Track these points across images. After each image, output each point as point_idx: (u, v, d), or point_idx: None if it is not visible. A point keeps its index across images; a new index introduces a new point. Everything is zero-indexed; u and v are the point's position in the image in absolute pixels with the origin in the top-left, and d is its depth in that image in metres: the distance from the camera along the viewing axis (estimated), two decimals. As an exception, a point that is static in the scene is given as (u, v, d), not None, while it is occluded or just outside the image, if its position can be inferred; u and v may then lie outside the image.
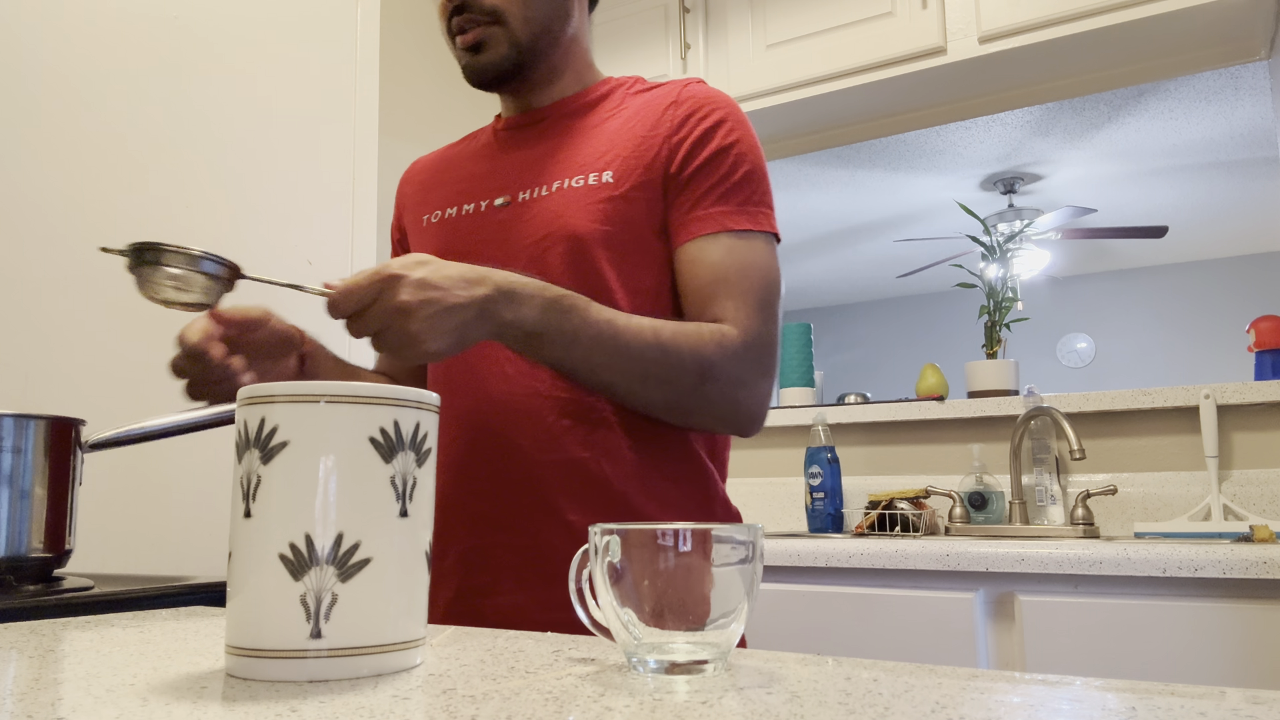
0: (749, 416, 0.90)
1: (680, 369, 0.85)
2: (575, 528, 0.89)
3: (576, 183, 0.95)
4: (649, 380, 0.85)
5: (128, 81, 1.62)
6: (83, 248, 1.54)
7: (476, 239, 0.98)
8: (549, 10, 0.99)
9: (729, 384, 0.87)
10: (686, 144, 0.93)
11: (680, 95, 0.97)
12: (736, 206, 0.92)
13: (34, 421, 0.73)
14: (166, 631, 0.63)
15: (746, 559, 0.47)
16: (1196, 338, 6.25)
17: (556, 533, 0.88)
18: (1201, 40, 2.06)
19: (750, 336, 0.88)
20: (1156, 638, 1.38)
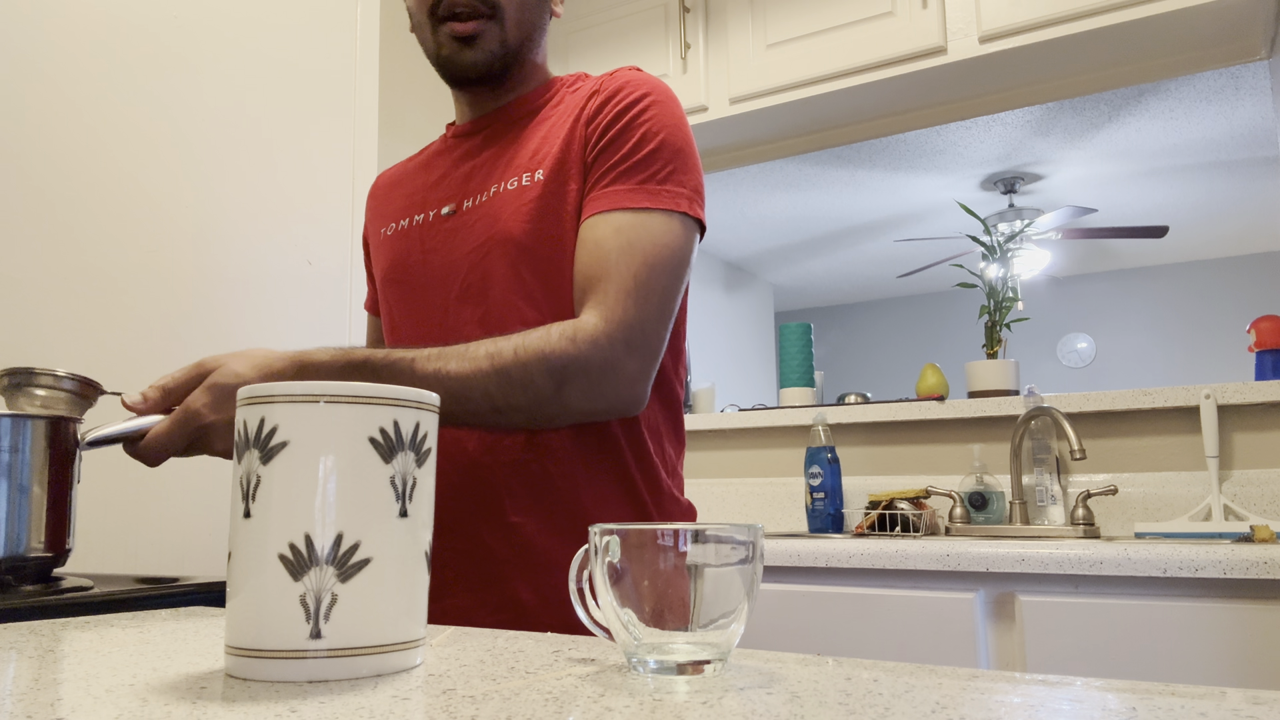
0: (623, 402, 0.88)
1: (528, 386, 0.83)
2: (518, 529, 0.90)
3: (511, 185, 0.94)
4: (499, 410, 0.83)
5: (127, 80, 1.62)
6: (82, 248, 1.54)
7: (425, 249, 0.99)
8: (536, 15, 0.99)
9: (587, 378, 0.84)
10: (599, 128, 0.92)
11: (603, 84, 0.96)
12: (636, 184, 0.89)
13: (31, 421, 0.73)
14: (166, 631, 0.63)
15: (746, 559, 0.47)
16: (1197, 338, 6.24)
17: (498, 534, 0.89)
18: (1201, 40, 2.06)
19: (613, 322, 0.85)
20: (1157, 638, 1.38)
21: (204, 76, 1.75)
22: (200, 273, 1.71)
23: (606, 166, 0.91)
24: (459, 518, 0.90)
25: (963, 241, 5.33)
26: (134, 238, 1.62)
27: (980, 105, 2.37)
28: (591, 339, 0.84)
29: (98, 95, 1.59)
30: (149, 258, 1.64)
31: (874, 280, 6.77)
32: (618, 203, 0.89)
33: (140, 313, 1.61)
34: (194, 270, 1.70)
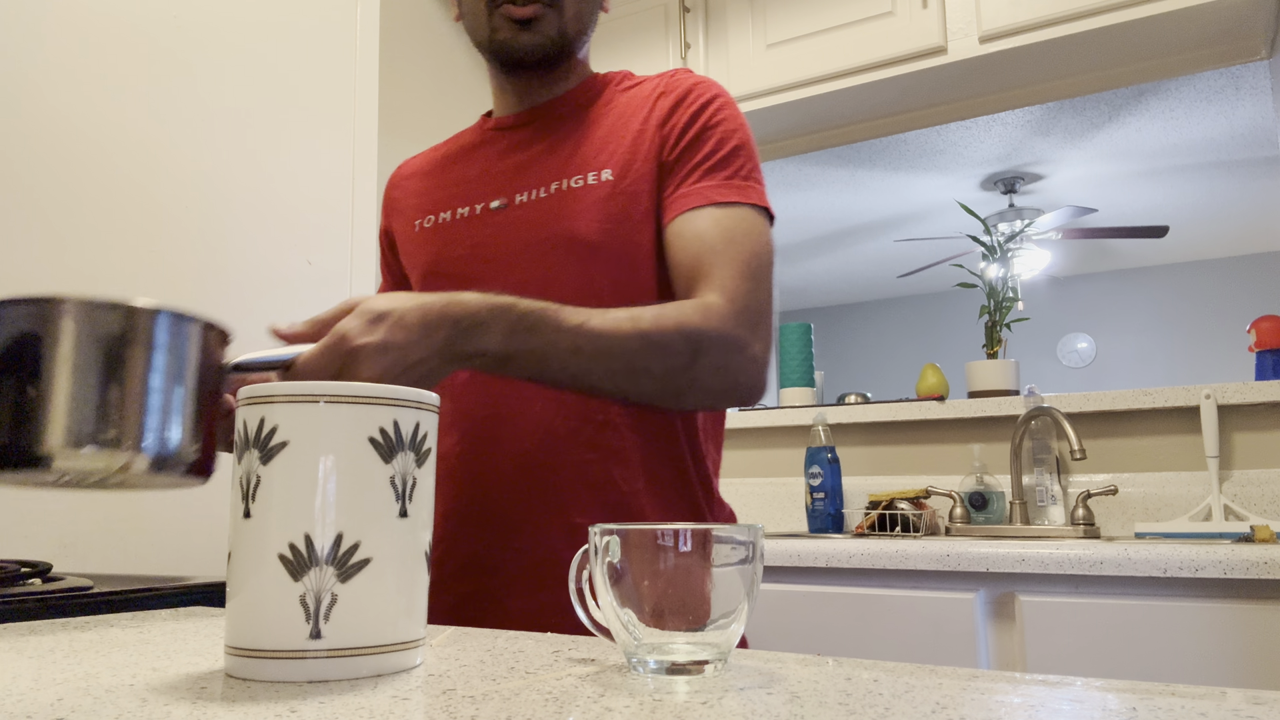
0: (749, 384, 0.88)
1: (667, 351, 0.82)
2: (580, 530, 0.89)
3: (576, 183, 0.94)
4: (636, 373, 0.82)
5: (126, 80, 1.62)
6: (82, 248, 1.54)
7: (472, 243, 0.97)
8: (591, 8, 0.99)
9: (721, 352, 0.84)
10: (676, 129, 0.93)
11: (668, 85, 0.97)
12: (723, 180, 0.91)
13: (189, 323, 0.65)
14: (166, 631, 0.63)
15: (746, 559, 0.47)
16: (1197, 338, 6.24)
17: (562, 536, 0.88)
18: (1201, 40, 2.06)
19: (739, 302, 0.86)
20: (1157, 638, 1.38)
21: (204, 76, 1.75)
22: (200, 273, 1.71)
23: (691, 165, 0.92)
24: (522, 519, 0.89)
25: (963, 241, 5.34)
26: (134, 238, 1.62)
27: (980, 105, 2.37)
28: (721, 315, 0.84)
29: (97, 95, 1.59)
30: (149, 258, 1.64)
31: (874, 280, 6.77)
32: (710, 198, 0.90)
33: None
34: (194, 270, 1.70)
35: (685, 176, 0.92)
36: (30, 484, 0.63)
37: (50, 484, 0.64)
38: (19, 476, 0.60)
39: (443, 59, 2.39)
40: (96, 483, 0.65)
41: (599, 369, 0.80)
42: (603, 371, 0.81)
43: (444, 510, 0.91)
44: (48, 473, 0.59)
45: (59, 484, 0.64)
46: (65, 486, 0.64)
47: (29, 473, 0.60)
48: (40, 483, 0.63)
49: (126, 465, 0.60)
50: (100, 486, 0.66)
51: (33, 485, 0.64)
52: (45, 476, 0.61)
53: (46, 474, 0.60)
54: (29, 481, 0.62)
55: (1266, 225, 5.61)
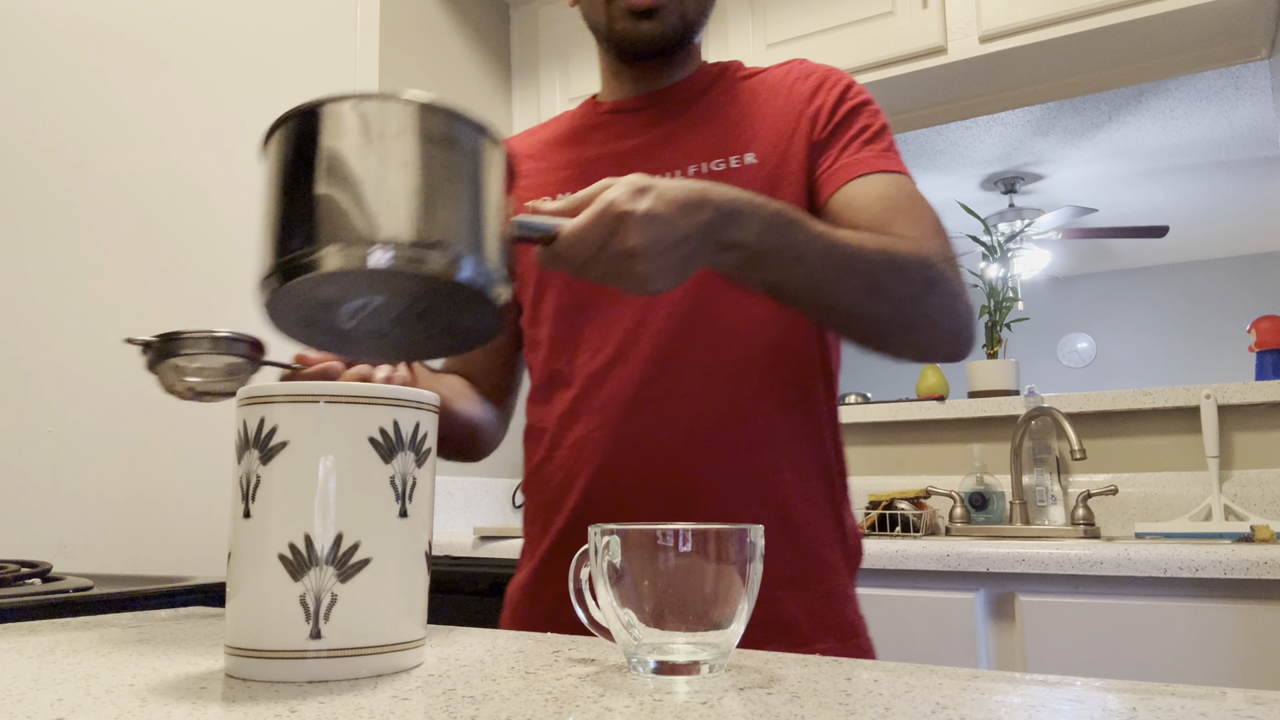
0: (968, 335, 0.85)
1: (905, 276, 0.80)
2: (728, 519, 0.88)
3: (717, 166, 0.93)
4: (877, 293, 0.79)
5: (127, 81, 1.62)
6: (82, 248, 1.54)
7: None
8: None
9: (947, 292, 0.82)
10: (824, 110, 0.94)
11: (800, 71, 0.98)
12: (881, 153, 0.92)
13: (501, 153, 0.62)
14: (166, 631, 0.63)
15: (747, 559, 0.47)
16: (1197, 338, 6.24)
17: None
18: (1201, 40, 2.06)
19: (945, 250, 0.84)
20: (1157, 638, 1.38)
21: (204, 77, 1.75)
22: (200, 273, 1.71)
23: (847, 138, 0.92)
24: (664, 509, 0.86)
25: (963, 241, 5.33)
26: (134, 238, 1.62)
27: (980, 105, 2.37)
28: (941, 257, 0.83)
29: (96, 97, 1.59)
30: (149, 258, 1.64)
31: (874, 280, 6.76)
32: (876, 166, 0.91)
33: (140, 313, 1.61)
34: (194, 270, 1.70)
35: (844, 149, 0.92)
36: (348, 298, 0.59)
37: (358, 310, 0.60)
38: (346, 280, 0.55)
39: (443, 59, 2.39)
40: (405, 310, 0.60)
41: (844, 283, 0.77)
42: (846, 286, 0.77)
43: (576, 501, 0.90)
44: (375, 280, 0.55)
45: (364, 314, 0.60)
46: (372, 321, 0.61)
47: (354, 277, 0.55)
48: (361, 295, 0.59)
49: (451, 265, 0.55)
50: (407, 317, 0.61)
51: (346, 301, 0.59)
52: (367, 290, 0.57)
53: (372, 283, 0.56)
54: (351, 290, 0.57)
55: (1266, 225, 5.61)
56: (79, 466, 1.49)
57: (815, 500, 0.91)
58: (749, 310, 0.90)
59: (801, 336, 0.93)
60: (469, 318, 0.62)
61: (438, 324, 0.63)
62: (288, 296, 0.57)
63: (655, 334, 0.90)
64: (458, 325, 0.63)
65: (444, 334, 0.65)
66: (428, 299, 0.60)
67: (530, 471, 0.97)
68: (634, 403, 0.88)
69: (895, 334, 0.83)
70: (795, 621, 0.87)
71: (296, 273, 0.54)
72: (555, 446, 0.93)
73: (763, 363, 0.90)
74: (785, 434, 0.90)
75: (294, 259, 0.54)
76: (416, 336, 0.65)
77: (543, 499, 0.94)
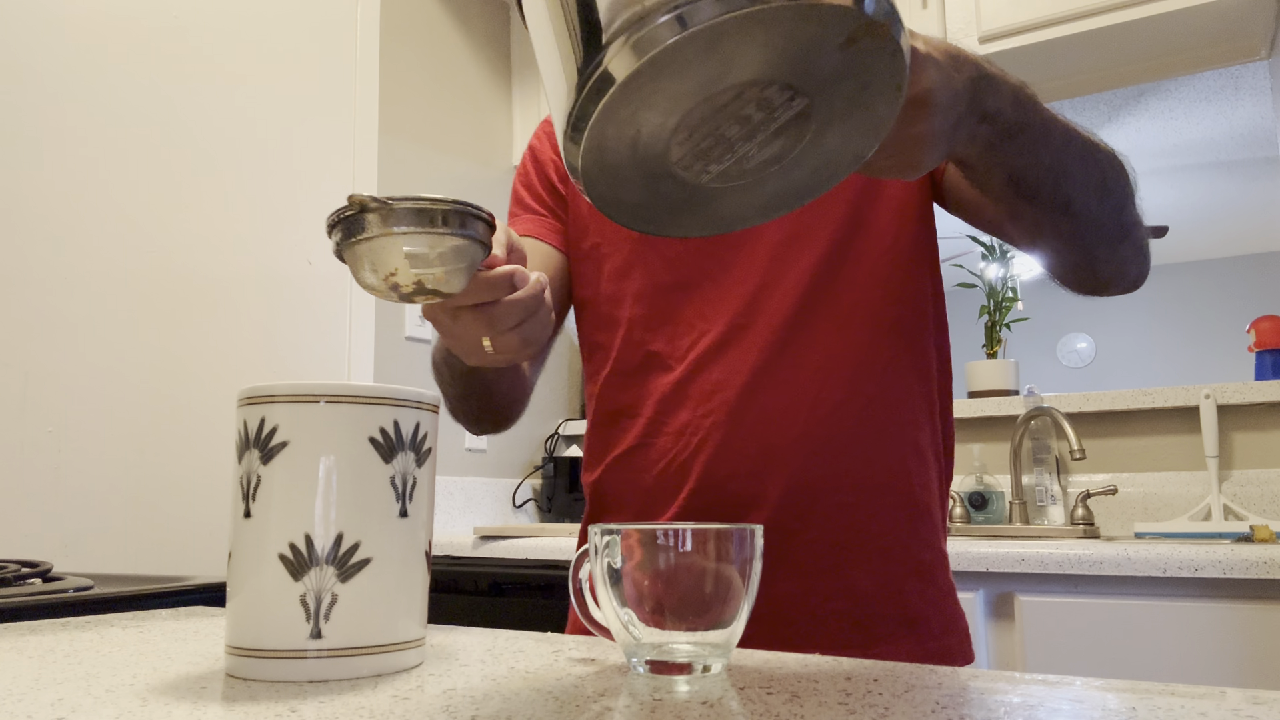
0: (1148, 258, 0.81)
1: (1122, 176, 0.74)
2: (852, 509, 0.83)
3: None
4: (1104, 190, 0.72)
5: (127, 81, 1.62)
6: (82, 248, 1.54)
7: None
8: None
9: (1138, 204, 0.77)
10: None
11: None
12: None
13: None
14: (166, 631, 0.63)
15: (747, 559, 0.47)
16: (1196, 338, 6.24)
17: (835, 518, 0.82)
18: (1201, 40, 2.06)
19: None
20: (1156, 638, 1.38)
21: (204, 77, 1.75)
22: (200, 273, 1.71)
23: None
24: (789, 495, 0.81)
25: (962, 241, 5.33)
26: (133, 238, 1.62)
27: (980, 105, 2.37)
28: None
29: (97, 97, 1.59)
30: (149, 258, 1.64)
31: (874, 280, 6.76)
32: None
33: (140, 313, 1.61)
34: (194, 270, 1.70)
35: None
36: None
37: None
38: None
39: (443, 59, 2.39)
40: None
41: (1082, 175, 0.71)
42: (1083, 180, 0.71)
43: (691, 489, 0.83)
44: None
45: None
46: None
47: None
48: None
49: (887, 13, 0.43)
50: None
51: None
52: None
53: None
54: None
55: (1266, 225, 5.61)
56: (79, 466, 1.49)
57: (931, 488, 0.87)
58: (870, 290, 0.85)
59: (919, 314, 0.88)
60: (844, 128, 0.48)
61: (799, 147, 0.49)
62: (624, 108, 0.42)
63: (770, 315, 0.84)
64: (825, 146, 0.49)
65: (801, 166, 0.50)
66: (809, 91, 0.45)
67: (616, 459, 0.89)
68: (750, 388, 0.83)
69: (1109, 244, 0.77)
70: (923, 617, 0.83)
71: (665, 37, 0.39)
72: (654, 433, 0.86)
73: (886, 344, 0.85)
74: (908, 419, 0.85)
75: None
76: (766, 173, 0.49)
77: (640, 488, 0.87)
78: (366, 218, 0.53)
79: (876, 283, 0.85)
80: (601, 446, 0.92)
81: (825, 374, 0.83)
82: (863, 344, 0.84)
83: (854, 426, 0.83)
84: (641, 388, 0.88)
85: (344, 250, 0.55)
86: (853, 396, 0.83)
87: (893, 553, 0.83)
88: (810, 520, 0.81)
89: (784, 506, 0.81)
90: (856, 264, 0.85)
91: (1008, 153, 0.65)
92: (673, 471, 0.85)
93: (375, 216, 0.53)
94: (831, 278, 0.84)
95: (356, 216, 0.53)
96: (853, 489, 0.82)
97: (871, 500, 0.82)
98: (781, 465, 0.81)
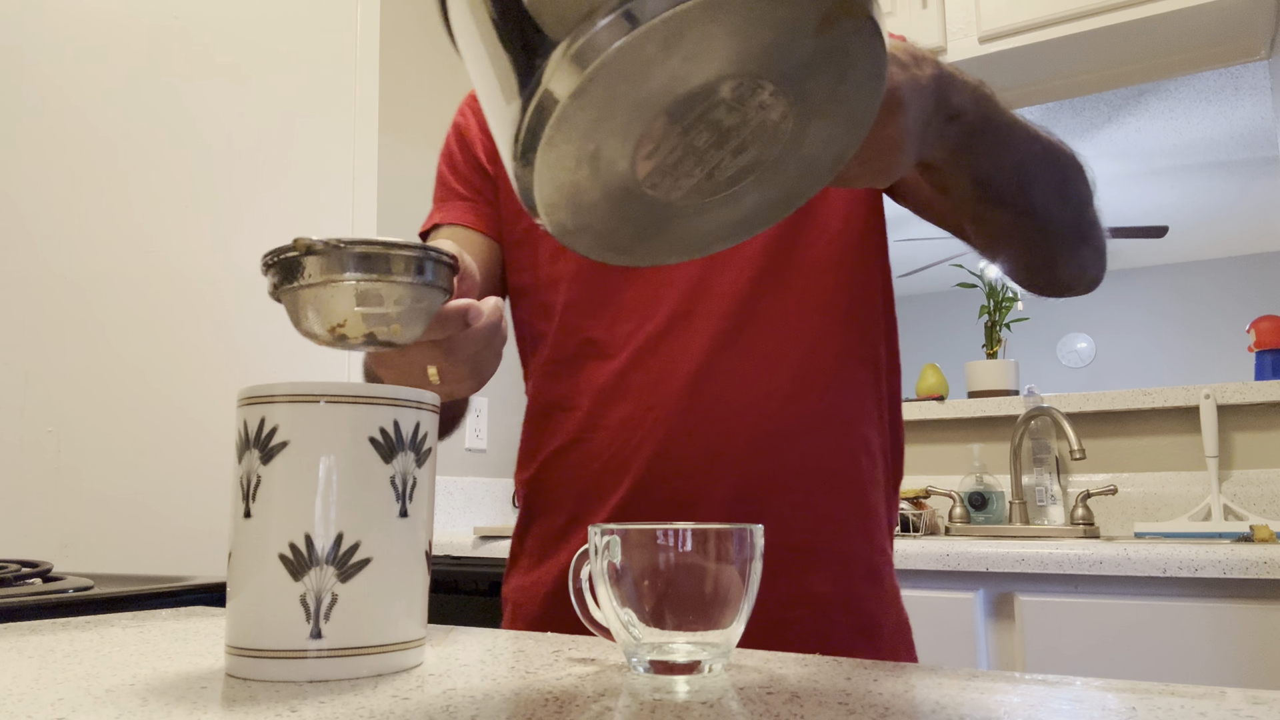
0: (1105, 261, 0.79)
1: (1080, 178, 0.72)
2: (809, 514, 0.79)
3: None
4: (1064, 192, 0.70)
5: (128, 81, 1.62)
6: (82, 248, 1.54)
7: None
8: None
9: (1096, 205, 0.75)
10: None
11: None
12: None
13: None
14: (166, 631, 0.63)
15: (747, 559, 0.47)
16: (1196, 338, 6.25)
17: (790, 519, 0.78)
18: (1201, 40, 2.06)
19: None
20: (1156, 638, 1.38)
21: (204, 77, 1.75)
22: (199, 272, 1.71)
23: None
24: (737, 498, 0.77)
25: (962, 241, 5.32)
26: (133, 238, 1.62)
27: (980, 105, 2.37)
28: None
29: (97, 97, 1.59)
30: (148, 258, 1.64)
31: (874, 280, 6.76)
32: None
33: (140, 313, 1.61)
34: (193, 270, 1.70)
35: None
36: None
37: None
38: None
39: (443, 59, 2.39)
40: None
41: (1043, 174, 0.68)
42: (1044, 179, 0.69)
43: (629, 488, 0.78)
44: None
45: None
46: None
47: None
48: None
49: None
50: None
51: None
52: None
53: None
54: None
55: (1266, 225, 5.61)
56: (79, 466, 1.49)
57: (879, 486, 0.83)
58: (819, 276, 0.81)
59: (869, 304, 0.84)
60: (823, 127, 0.44)
61: (776, 151, 0.45)
62: (592, 96, 0.37)
63: (717, 301, 0.79)
64: (804, 149, 0.45)
65: (779, 173, 0.46)
66: (789, 83, 0.41)
67: (550, 455, 0.84)
68: (697, 379, 0.78)
69: (1070, 248, 0.75)
70: (876, 623, 0.80)
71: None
72: (593, 427, 0.81)
73: (837, 334, 0.81)
74: (859, 413, 0.81)
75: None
76: (742, 184, 0.45)
77: (576, 487, 0.82)
78: (312, 260, 0.48)
79: (826, 269, 0.81)
80: (536, 442, 0.86)
81: (775, 364, 0.79)
82: (813, 333, 0.80)
83: (806, 420, 0.78)
84: (577, 378, 0.83)
85: (282, 294, 0.50)
86: (805, 389, 0.79)
87: (848, 556, 0.80)
88: (762, 521, 0.79)
89: (733, 506, 0.76)
90: (806, 248, 0.81)
91: (974, 153, 0.63)
92: (613, 470, 0.79)
93: (323, 260, 0.48)
94: (780, 263, 0.80)
95: (299, 259, 0.48)
96: (805, 488, 0.78)
97: (824, 500, 0.79)
98: (730, 462, 0.77)
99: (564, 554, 0.82)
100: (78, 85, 1.56)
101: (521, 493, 0.88)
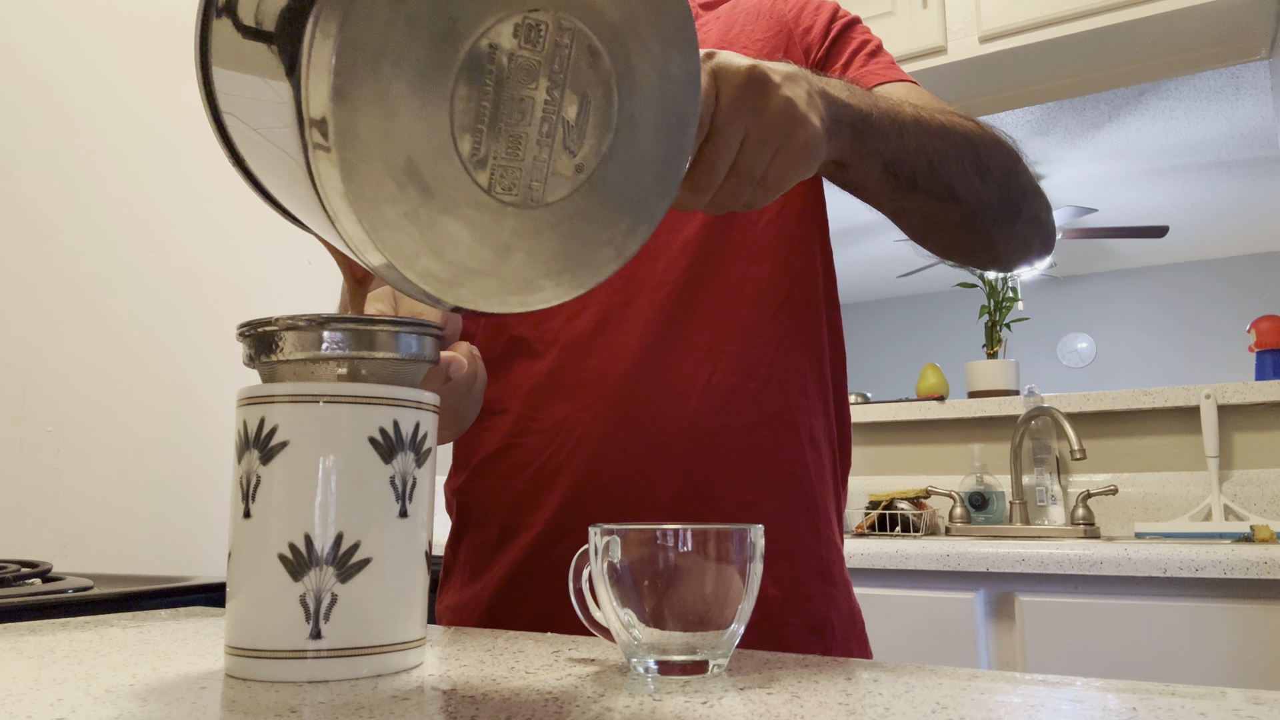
0: (1050, 228, 0.78)
1: (1000, 148, 0.72)
2: (753, 509, 0.78)
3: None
4: (983, 168, 0.70)
5: (127, 81, 1.62)
6: (82, 248, 1.54)
7: None
8: None
9: (1028, 174, 0.75)
10: (816, 29, 0.85)
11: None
12: (889, 65, 0.85)
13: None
14: (166, 631, 0.63)
15: (747, 559, 0.47)
16: (1196, 338, 6.24)
17: (730, 516, 0.78)
18: (1201, 40, 2.06)
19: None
20: (1157, 638, 1.38)
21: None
22: (199, 273, 1.71)
23: (848, 54, 0.84)
24: (677, 497, 0.74)
25: (963, 241, 5.32)
26: (132, 238, 1.62)
27: (980, 105, 2.37)
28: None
29: (97, 97, 1.59)
30: (148, 258, 1.64)
31: (874, 280, 6.77)
32: (890, 76, 0.83)
33: (139, 313, 1.61)
34: (193, 270, 1.70)
35: (847, 64, 0.84)
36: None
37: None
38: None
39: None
40: None
41: (951, 151, 0.68)
42: (954, 156, 0.68)
43: (564, 496, 0.75)
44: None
45: None
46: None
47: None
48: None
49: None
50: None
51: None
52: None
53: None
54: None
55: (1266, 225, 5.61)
56: (79, 466, 1.49)
57: (826, 480, 0.81)
58: (758, 263, 0.79)
59: (810, 289, 0.82)
60: (651, 67, 0.40)
61: (613, 114, 0.40)
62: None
63: (652, 292, 0.76)
64: (642, 102, 0.40)
65: (634, 145, 0.41)
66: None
67: (481, 462, 0.80)
68: (634, 376, 0.75)
69: (1003, 224, 0.74)
70: (827, 622, 0.78)
71: None
72: (524, 431, 0.77)
73: (777, 323, 0.79)
74: (802, 405, 0.79)
75: None
76: (602, 174, 0.41)
77: (508, 496, 0.78)
78: (291, 336, 0.46)
79: (764, 254, 0.79)
80: (467, 449, 0.82)
81: (715, 357, 0.76)
82: (752, 322, 0.77)
83: (749, 415, 0.76)
84: (506, 379, 0.79)
85: (258, 366, 0.48)
86: (746, 381, 0.76)
87: (796, 555, 0.77)
88: (708, 524, 0.77)
89: (677, 508, 0.73)
90: (742, 233, 0.79)
91: (874, 139, 0.63)
92: (547, 475, 0.75)
93: (302, 336, 0.46)
94: (716, 249, 0.78)
95: (277, 334, 0.46)
96: (751, 486, 0.75)
97: (771, 498, 0.76)
98: (672, 462, 0.74)
99: (498, 568, 0.78)
100: (77, 85, 1.56)
101: (452, 503, 0.84)
